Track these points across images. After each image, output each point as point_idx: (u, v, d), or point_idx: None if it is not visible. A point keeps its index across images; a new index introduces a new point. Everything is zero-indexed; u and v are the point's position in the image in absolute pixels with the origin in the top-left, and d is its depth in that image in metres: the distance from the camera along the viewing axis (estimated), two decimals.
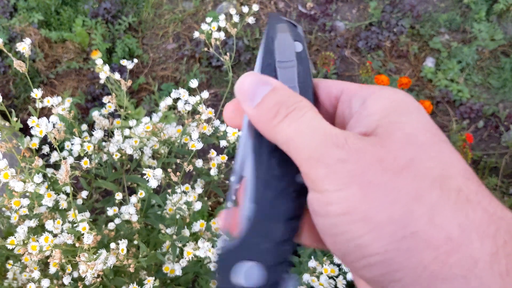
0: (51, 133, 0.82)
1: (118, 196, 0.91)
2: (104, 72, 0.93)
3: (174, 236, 0.89)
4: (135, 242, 0.91)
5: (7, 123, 0.89)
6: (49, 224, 0.81)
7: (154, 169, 0.87)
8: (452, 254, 0.20)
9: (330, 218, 0.23)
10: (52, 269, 0.81)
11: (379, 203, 0.22)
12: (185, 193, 0.94)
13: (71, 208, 0.84)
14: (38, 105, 0.89)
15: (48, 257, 0.80)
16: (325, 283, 0.84)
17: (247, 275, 0.24)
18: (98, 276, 0.81)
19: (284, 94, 0.25)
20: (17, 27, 2.11)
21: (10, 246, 0.81)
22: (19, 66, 0.84)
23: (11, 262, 0.99)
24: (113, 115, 0.94)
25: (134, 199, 0.90)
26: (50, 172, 0.89)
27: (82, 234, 0.80)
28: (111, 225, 0.88)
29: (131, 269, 0.83)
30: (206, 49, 1.16)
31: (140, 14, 2.31)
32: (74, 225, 0.83)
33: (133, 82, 2.06)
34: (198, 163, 0.97)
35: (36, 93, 0.88)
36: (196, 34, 1.03)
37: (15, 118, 0.87)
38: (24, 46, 0.85)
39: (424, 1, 2.40)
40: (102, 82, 0.95)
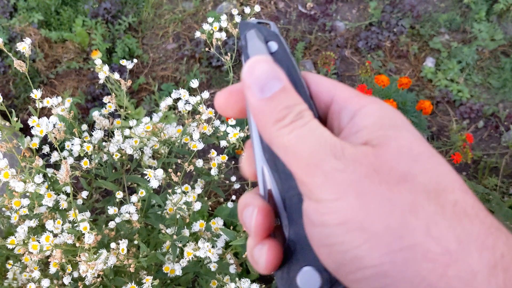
0: (52, 133, 0.82)
1: (119, 195, 0.91)
2: (103, 72, 0.93)
3: (174, 236, 0.89)
4: (135, 242, 0.91)
5: (7, 123, 0.89)
6: (49, 224, 0.81)
7: (155, 169, 0.87)
8: (450, 267, 0.20)
9: (326, 228, 0.23)
10: (52, 269, 0.81)
11: (376, 214, 0.22)
12: (185, 193, 0.94)
13: (71, 208, 0.84)
14: (38, 105, 0.89)
15: (48, 257, 0.80)
16: None
17: (305, 281, 0.25)
18: (98, 276, 0.81)
19: (292, 97, 0.25)
20: (17, 27, 2.11)
21: (10, 246, 0.81)
22: (19, 66, 0.84)
23: (11, 262, 0.99)
24: (113, 115, 0.94)
25: (134, 198, 0.90)
26: (50, 172, 0.89)
27: (83, 234, 0.80)
28: (111, 224, 0.88)
29: (131, 269, 0.83)
30: (206, 49, 1.16)
31: (140, 14, 2.31)
32: (74, 225, 0.83)
33: (133, 82, 2.06)
34: (199, 163, 0.97)
35: (35, 93, 0.88)
36: (197, 34, 1.03)
37: (15, 118, 0.87)
38: (24, 46, 0.85)
39: (424, 1, 2.40)
40: (101, 82, 0.95)
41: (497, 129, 2.01)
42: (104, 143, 0.98)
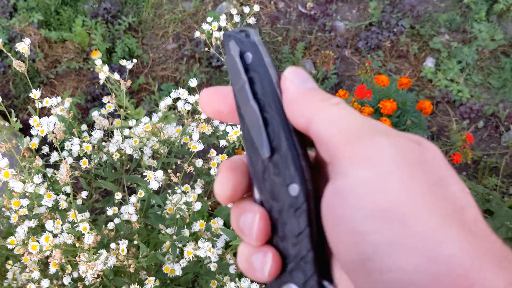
0: (52, 133, 0.82)
1: (118, 196, 0.91)
2: (103, 72, 0.93)
3: (174, 236, 0.89)
4: (135, 242, 0.90)
5: (7, 123, 0.88)
6: (49, 224, 0.81)
7: (154, 169, 0.87)
8: (476, 284, 0.20)
9: (362, 211, 0.21)
10: (52, 269, 0.81)
11: (419, 209, 0.20)
12: (184, 193, 0.94)
13: (71, 208, 0.84)
14: (37, 105, 0.89)
15: (48, 257, 0.80)
16: None
17: None
18: (98, 276, 0.81)
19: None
20: (16, 27, 2.11)
21: (10, 246, 0.81)
22: (19, 66, 0.83)
23: (11, 262, 0.99)
24: (112, 115, 0.94)
25: (133, 199, 0.90)
26: (50, 172, 0.89)
27: (82, 234, 0.80)
28: (111, 225, 0.88)
29: (131, 269, 0.83)
30: (206, 49, 1.15)
31: (140, 14, 2.31)
32: (74, 225, 0.83)
33: (133, 82, 2.06)
34: (198, 163, 0.97)
35: (35, 93, 0.88)
36: (196, 34, 1.03)
37: (15, 118, 0.86)
38: (23, 46, 0.84)
39: (424, 1, 2.40)
40: (101, 82, 0.95)
41: (497, 129, 2.01)
42: (103, 143, 0.98)
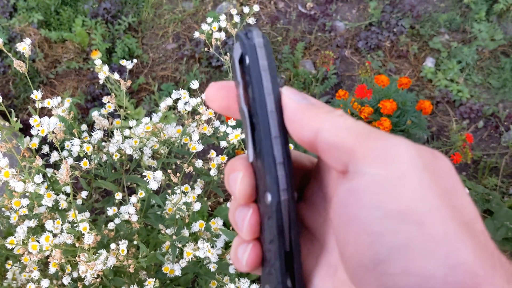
0: (52, 133, 0.82)
1: (118, 196, 0.91)
2: (103, 72, 0.93)
3: (174, 236, 0.89)
4: (135, 242, 0.90)
5: (7, 123, 0.88)
6: (48, 224, 0.81)
7: (154, 169, 0.87)
8: None
9: (378, 211, 0.21)
10: (51, 269, 0.81)
11: (437, 213, 0.20)
12: (184, 193, 0.94)
13: (71, 208, 0.84)
14: (37, 105, 0.89)
15: (47, 257, 0.80)
16: None
17: None
18: (98, 276, 0.81)
19: None
20: (16, 27, 2.11)
21: (9, 246, 0.81)
22: (19, 66, 0.83)
23: (11, 262, 0.99)
24: (112, 115, 0.94)
25: (134, 199, 0.90)
26: (49, 172, 0.89)
27: (82, 234, 0.80)
28: (111, 225, 0.88)
29: (131, 269, 0.83)
30: (206, 49, 1.15)
31: (140, 14, 2.31)
32: (74, 225, 0.83)
33: (133, 82, 2.06)
34: (198, 164, 0.97)
35: (36, 94, 0.88)
36: (196, 34, 1.03)
37: (15, 118, 0.86)
38: (24, 46, 0.84)
39: (424, 1, 2.40)
40: (101, 82, 0.95)
41: (497, 129, 2.01)
42: (103, 143, 0.98)
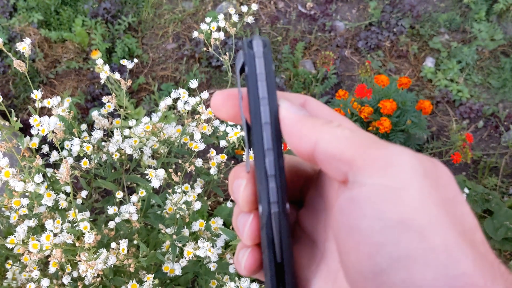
0: (52, 132, 0.82)
1: (119, 195, 0.91)
2: (104, 72, 0.93)
3: (174, 236, 0.89)
4: (135, 242, 0.91)
5: (7, 123, 0.89)
6: (48, 223, 0.81)
7: (155, 169, 0.87)
8: None
9: (380, 222, 0.20)
10: (51, 268, 0.81)
11: (437, 223, 0.20)
12: (184, 192, 0.94)
13: (71, 207, 0.84)
14: (37, 105, 0.89)
15: (47, 256, 0.80)
16: None
17: None
18: (98, 275, 0.81)
19: None
20: (16, 27, 2.11)
21: (9, 246, 0.81)
22: (19, 65, 0.84)
23: (11, 262, 0.99)
24: (112, 115, 0.94)
25: (134, 198, 0.90)
26: (49, 172, 0.89)
27: (82, 234, 0.80)
28: (111, 224, 0.88)
29: (131, 268, 0.83)
30: (205, 49, 1.15)
31: (140, 14, 2.31)
32: (74, 224, 0.83)
33: (132, 82, 2.06)
34: (198, 163, 0.97)
35: (36, 94, 0.88)
36: (195, 34, 1.03)
37: (15, 118, 0.87)
38: (24, 46, 0.85)
39: (424, 1, 2.40)
40: (102, 82, 0.95)
41: (497, 129, 2.01)
42: (103, 143, 0.98)
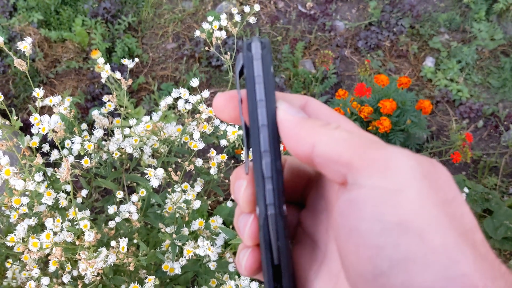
0: (53, 131, 0.82)
1: (119, 194, 0.92)
2: (105, 71, 0.93)
3: (174, 235, 0.89)
4: (135, 241, 0.91)
5: (7, 122, 0.89)
6: (48, 222, 0.81)
7: (155, 168, 0.87)
8: None
9: (380, 224, 0.20)
10: (51, 267, 0.81)
11: (435, 224, 0.20)
12: (184, 191, 0.94)
13: (71, 206, 0.84)
14: (38, 104, 0.89)
15: (47, 255, 0.80)
16: None
17: None
18: (98, 274, 0.81)
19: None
20: (16, 27, 2.11)
21: (9, 244, 0.81)
22: (20, 64, 0.84)
23: (10, 261, 0.99)
24: (112, 115, 0.95)
25: (135, 198, 0.90)
26: (49, 171, 0.89)
27: (82, 233, 0.80)
28: (111, 223, 0.88)
29: (131, 267, 0.83)
30: (206, 48, 1.16)
31: (139, 13, 2.32)
32: (74, 223, 0.83)
33: (132, 81, 2.06)
34: (198, 162, 0.97)
35: (38, 92, 0.88)
36: (197, 33, 1.03)
37: (15, 117, 0.87)
38: (25, 45, 0.85)
39: (423, 0, 2.40)
40: (103, 81, 0.95)
41: (496, 128, 2.01)
42: (103, 142, 0.98)
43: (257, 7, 1.07)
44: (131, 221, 0.89)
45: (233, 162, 1.67)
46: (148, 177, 0.86)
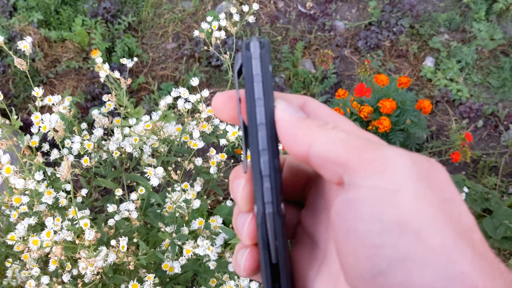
0: (54, 130, 0.83)
1: (118, 192, 0.92)
2: (104, 70, 0.93)
3: (173, 234, 0.89)
4: (135, 240, 0.91)
5: (7, 121, 0.89)
6: (48, 221, 0.81)
7: (154, 167, 0.87)
8: None
9: (379, 224, 0.21)
10: (51, 266, 0.81)
11: (433, 224, 0.20)
12: (184, 191, 0.94)
13: (71, 206, 0.84)
14: (38, 103, 0.89)
15: (47, 254, 0.80)
16: None
17: None
18: (98, 273, 0.81)
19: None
20: (16, 27, 2.11)
21: (10, 243, 0.81)
22: (20, 64, 0.84)
23: (10, 260, 0.99)
24: (112, 114, 0.95)
25: (134, 196, 0.90)
26: (49, 170, 0.89)
27: (82, 232, 0.80)
28: (111, 221, 0.88)
29: (131, 266, 0.84)
30: (206, 48, 1.16)
31: (139, 13, 2.32)
32: (74, 222, 0.83)
33: (132, 81, 2.07)
34: (198, 162, 0.97)
35: (37, 91, 0.88)
36: (196, 33, 1.03)
37: (15, 117, 0.87)
38: (25, 45, 0.85)
39: (423, 0, 2.40)
40: (102, 80, 0.95)
41: (496, 128, 2.01)
42: (103, 142, 0.98)
43: (256, 6, 1.07)
44: (131, 219, 0.89)
45: (232, 161, 1.67)
46: (148, 176, 0.87)
